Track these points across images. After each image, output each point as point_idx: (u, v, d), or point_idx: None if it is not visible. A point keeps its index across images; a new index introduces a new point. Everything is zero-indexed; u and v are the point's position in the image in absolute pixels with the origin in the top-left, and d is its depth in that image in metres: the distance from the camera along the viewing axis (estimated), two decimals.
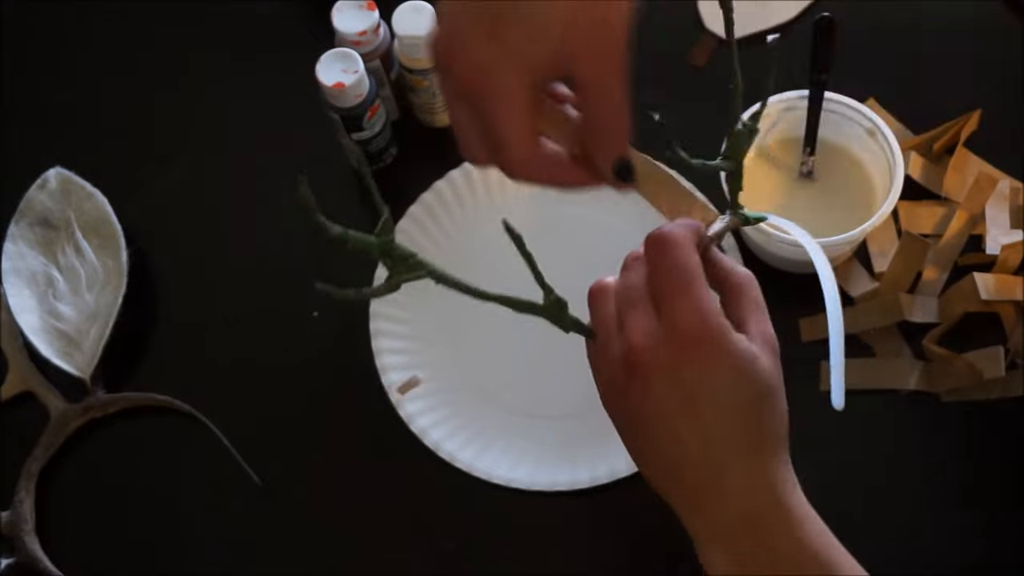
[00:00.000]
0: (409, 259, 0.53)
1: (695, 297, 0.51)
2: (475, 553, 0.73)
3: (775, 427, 0.53)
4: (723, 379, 0.51)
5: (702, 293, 0.51)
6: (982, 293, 0.71)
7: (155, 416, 0.78)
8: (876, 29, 0.84)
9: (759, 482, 0.52)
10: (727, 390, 0.51)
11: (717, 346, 0.51)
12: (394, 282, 0.53)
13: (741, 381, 0.51)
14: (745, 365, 0.51)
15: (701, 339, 0.51)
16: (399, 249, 0.53)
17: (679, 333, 0.51)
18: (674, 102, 0.84)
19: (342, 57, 0.75)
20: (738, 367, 0.51)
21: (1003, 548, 0.70)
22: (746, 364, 0.51)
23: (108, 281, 0.80)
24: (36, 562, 0.73)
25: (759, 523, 0.51)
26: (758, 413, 0.52)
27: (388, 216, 0.52)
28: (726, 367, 0.51)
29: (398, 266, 0.54)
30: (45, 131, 0.88)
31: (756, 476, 0.52)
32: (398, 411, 0.75)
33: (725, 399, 0.51)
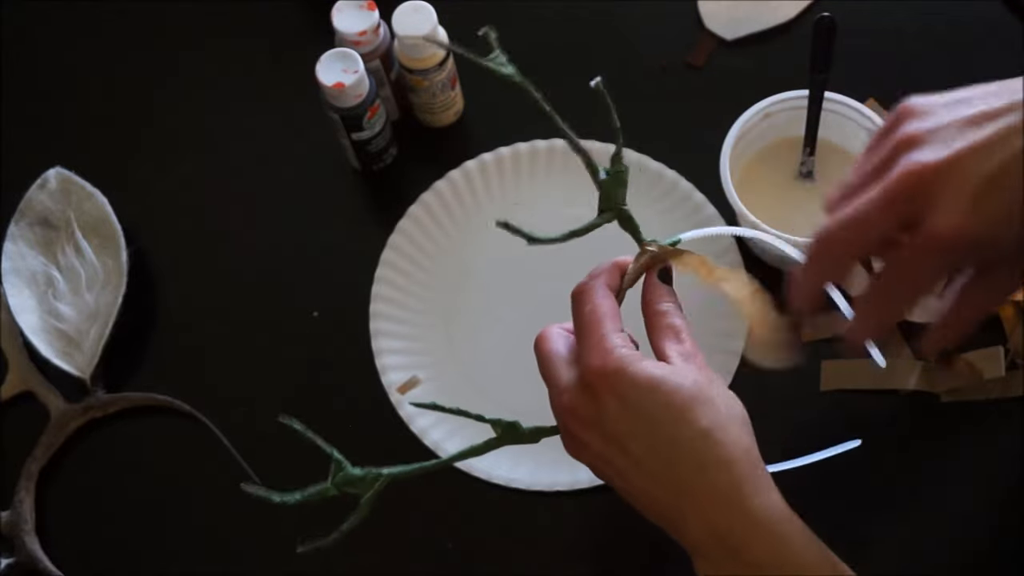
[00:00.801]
0: (367, 476, 0.58)
1: (596, 337, 0.54)
2: (475, 553, 0.73)
3: (716, 433, 0.52)
4: (636, 406, 0.52)
5: (603, 332, 0.54)
6: None
7: (155, 416, 0.78)
8: (876, 29, 0.84)
9: (718, 496, 0.51)
10: (645, 415, 0.52)
11: (620, 375, 0.52)
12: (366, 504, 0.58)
13: (656, 400, 0.52)
14: (654, 384, 0.52)
15: (604, 372, 0.53)
16: (353, 474, 0.58)
17: (586, 374, 0.54)
18: (673, 102, 0.84)
19: (342, 57, 0.75)
20: (647, 389, 0.52)
21: (1003, 548, 0.70)
22: (655, 382, 0.52)
23: (108, 281, 0.80)
24: (36, 562, 0.73)
25: (728, 535, 0.51)
26: (688, 427, 0.52)
27: (339, 456, 0.57)
28: (635, 394, 0.52)
29: (361, 487, 0.58)
30: (45, 131, 0.88)
31: (711, 491, 0.51)
32: (398, 411, 0.75)
33: (646, 425, 0.52)
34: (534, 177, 0.82)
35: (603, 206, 0.56)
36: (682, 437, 0.52)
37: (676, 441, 0.52)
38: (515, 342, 0.77)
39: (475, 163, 0.82)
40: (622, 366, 0.52)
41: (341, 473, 0.57)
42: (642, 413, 0.52)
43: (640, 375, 0.52)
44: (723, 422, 0.52)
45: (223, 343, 0.80)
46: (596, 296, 0.56)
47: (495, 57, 0.54)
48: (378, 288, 0.79)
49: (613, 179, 0.56)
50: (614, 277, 0.57)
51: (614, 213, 0.56)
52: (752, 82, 0.78)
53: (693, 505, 0.52)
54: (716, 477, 0.51)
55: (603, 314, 0.55)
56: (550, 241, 0.56)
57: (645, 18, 0.87)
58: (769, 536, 0.51)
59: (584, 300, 0.56)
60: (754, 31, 0.85)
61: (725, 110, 0.75)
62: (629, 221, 0.57)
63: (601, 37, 0.86)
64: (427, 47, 0.77)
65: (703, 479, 0.51)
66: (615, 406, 0.52)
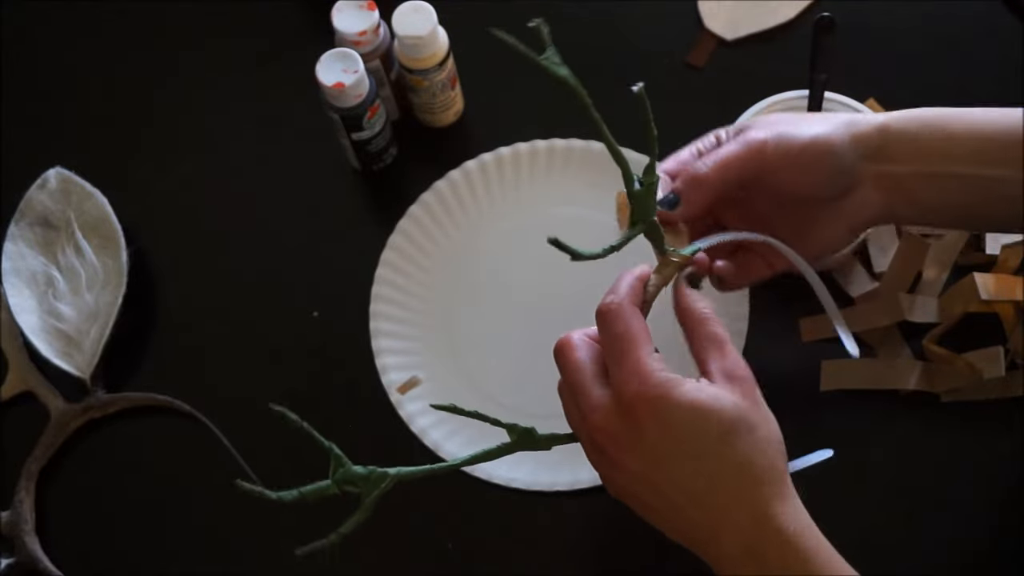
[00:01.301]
0: (371, 476, 0.56)
1: (632, 360, 0.53)
2: (475, 553, 0.73)
3: (755, 457, 0.53)
4: (679, 430, 0.52)
5: (639, 355, 0.54)
6: (982, 293, 0.71)
7: (155, 416, 0.78)
8: (876, 29, 0.84)
9: (751, 518, 0.52)
10: (688, 439, 0.52)
11: (663, 401, 0.52)
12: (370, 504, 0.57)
13: (698, 426, 0.52)
14: (697, 410, 0.52)
15: (646, 398, 0.53)
16: (356, 472, 0.56)
17: (624, 399, 0.53)
18: (673, 102, 0.84)
19: (342, 57, 0.75)
20: (690, 414, 0.52)
21: (1003, 548, 0.70)
22: (698, 409, 0.52)
23: (108, 281, 0.80)
24: (36, 562, 0.74)
25: (760, 557, 0.52)
26: (730, 450, 0.52)
27: (339, 452, 0.56)
28: (678, 419, 0.52)
29: (365, 487, 0.57)
30: (45, 131, 0.88)
31: (746, 513, 0.52)
32: (398, 411, 0.75)
33: (689, 448, 0.53)
34: (534, 177, 0.82)
35: (635, 217, 0.56)
36: (725, 463, 0.52)
37: (719, 467, 0.52)
38: (515, 342, 0.77)
39: (475, 163, 0.82)
40: (664, 392, 0.53)
41: (341, 470, 0.56)
42: (685, 438, 0.53)
43: (683, 401, 0.52)
44: (763, 447, 0.53)
45: (223, 343, 0.80)
46: (626, 316, 0.55)
47: (549, 56, 0.52)
48: (378, 288, 0.79)
49: (646, 190, 0.55)
50: (639, 293, 0.57)
51: (647, 224, 0.56)
52: (752, 82, 0.78)
53: (729, 525, 0.53)
54: (753, 498, 0.52)
55: (636, 335, 0.54)
56: (592, 257, 0.55)
57: (645, 18, 0.87)
58: (797, 551, 0.52)
59: (614, 321, 0.55)
60: (754, 31, 0.85)
61: (725, 110, 0.75)
62: (657, 232, 0.57)
63: (601, 37, 0.86)
64: (427, 47, 0.77)
65: (740, 502, 0.52)
66: (656, 431, 0.53)
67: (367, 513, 0.57)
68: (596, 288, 0.58)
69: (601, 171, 0.80)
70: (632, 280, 0.58)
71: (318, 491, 0.56)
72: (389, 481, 0.57)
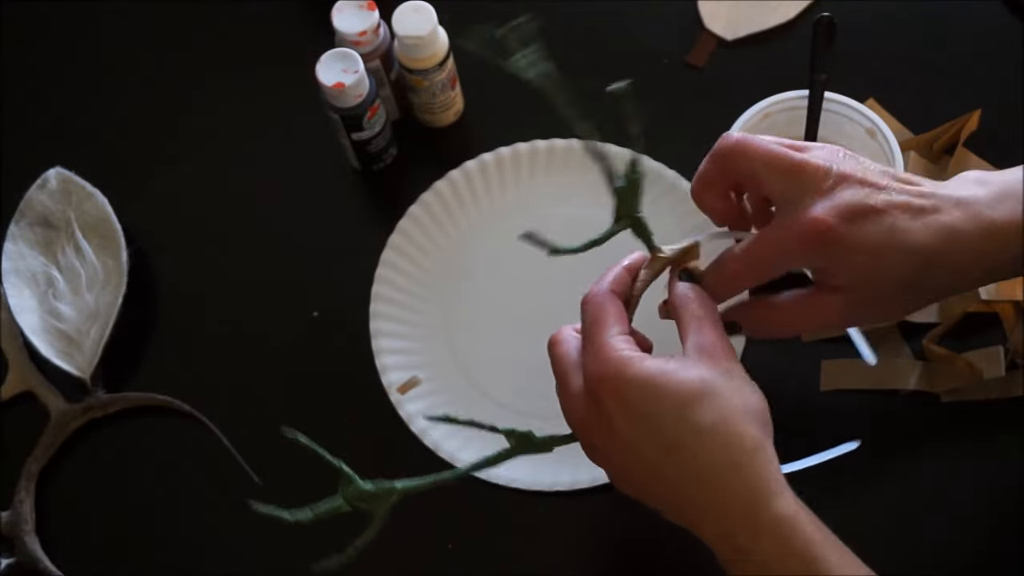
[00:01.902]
0: (379, 490, 0.57)
1: (596, 344, 0.53)
2: (475, 553, 0.73)
3: (720, 427, 0.51)
4: (636, 407, 0.52)
5: (602, 337, 0.53)
6: (982, 293, 0.71)
7: (155, 416, 0.78)
8: (876, 29, 0.84)
9: (726, 501, 0.51)
10: (645, 415, 0.52)
11: (619, 377, 0.52)
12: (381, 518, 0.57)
13: (658, 400, 0.51)
14: (649, 384, 0.51)
15: (604, 376, 0.52)
16: (365, 490, 0.57)
17: (589, 383, 0.53)
18: (673, 102, 0.84)
19: (342, 57, 0.75)
20: (643, 389, 0.51)
21: (1003, 548, 0.70)
22: (650, 382, 0.51)
23: (108, 281, 0.80)
24: (36, 562, 0.73)
25: (735, 538, 0.51)
26: (689, 423, 0.51)
27: (349, 471, 0.57)
28: (634, 395, 0.52)
29: (374, 503, 0.57)
30: (45, 131, 0.88)
31: (720, 496, 0.51)
32: (398, 411, 0.75)
33: (648, 424, 0.52)
34: (534, 177, 0.82)
35: (619, 213, 0.56)
36: (684, 439, 0.51)
37: (680, 444, 0.51)
38: (515, 341, 0.77)
39: (475, 163, 0.82)
40: (620, 368, 0.52)
41: (352, 487, 0.57)
42: (646, 416, 0.51)
43: (638, 375, 0.51)
44: (727, 417, 0.51)
45: (223, 343, 0.80)
46: (598, 302, 0.55)
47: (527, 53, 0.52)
48: (378, 288, 0.79)
49: (629, 187, 0.55)
50: (623, 281, 0.57)
51: (630, 221, 0.56)
52: (752, 82, 0.78)
53: (703, 510, 0.52)
54: (723, 482, 0.51)
55: (604, 318, 0.54)
56: (571, 251, 0.55)
57: (645, 18, 0.87)
58: (777, 540, 0.50)
59: (587, 309, 0.56)
60: (754, 31, 0.85)
61: (725, 110, 0.75)
62: (643, 228, 0.57)
63: (601, 37, 0.86)
64: (427, 47, 0.77)
65: (710, 485, 0.51)
66: (620, 412, 0.52)
67: (379, 526, 0.57)
68: None
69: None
70: (618, 269, 0.57)
71: (332, 510, 0.57)
72: (396, 495, 0.57)
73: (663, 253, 0.57)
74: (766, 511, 0.51)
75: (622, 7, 0.87)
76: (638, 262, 0.58)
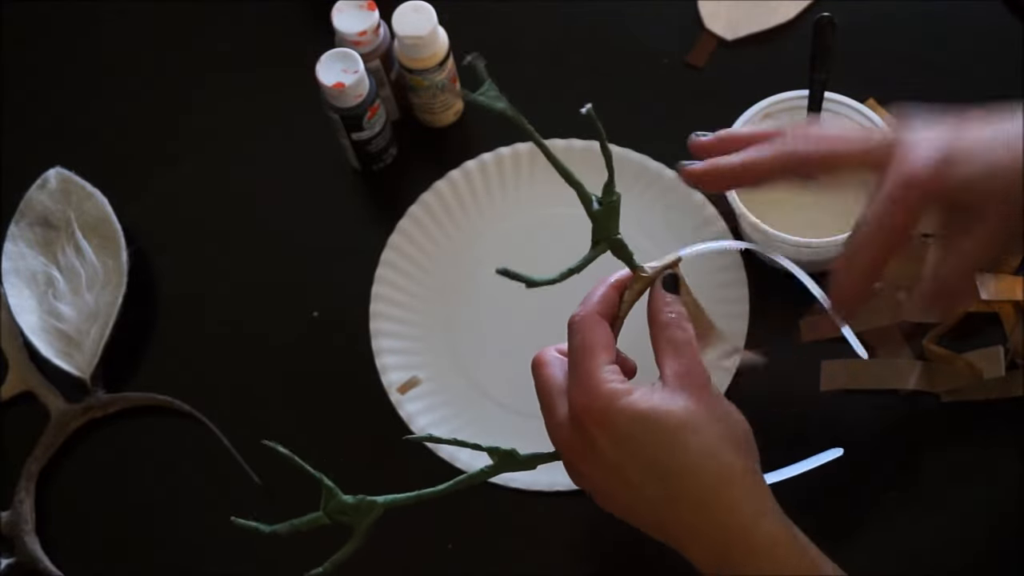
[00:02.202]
0: (360, 504, 0.57)
1: (583, 373, 0.54)
2: (475, 553, 0.73)
3: (705, 461, 0.52)
4: (627, 442, 0.52)
5: (590, 367, 0.54)
6: (982, 293, 0.71)
7: (155, 416, 0.78)
8: (876, 29, 0.84)
9: (715, 524, 0.52)
10: (637, 449, 0.52)
11: (608, 413, 0.53)
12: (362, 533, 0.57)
13: (646, 432, 0.52)
14: (640, 419, 0.52)
15: (591, 409, 0.53)
16: (347, 503, 0.57)
17: (576, 412, 0.54)
18: (673, 102, 0.84)
19: (342, 57, 0.75)
20: (634, 424, 0.52)
21: (1003, 548, 0.70)
22: (640, 418, 0.52)
23: (108, 281, 0.80)
24: (36, 562, 0.73)
25: (727, 561, 0.52)
26: (679, 456, 0.52)
27: (330, 484, 0.56)
28: (624, 430, 0.52)
29: (355, 517, 0.57)
30: (45, 131, 0.88)
31: (708, 520, 0.52)
32: (398, 411, 0.75)
33: (639, 457, 0.52)
34: (534, 177, 0.82)
35: (597, 237, 0.56)
36: (674, 467, 0.52)
37: (669, 472, 0.52)
38: (515, 342, 0.77)
39: (475, 163, 0.82)
40: (609, 403, 0.53)
41: (333, 501, 0.56)
42: (635, 447, 0.53)
43: (627, 410, 0.52)
44: (714, 448, 0.52)
45: (223, 343, 0.80)
46: (585, 327, 0.56)
47: (486, 91, 0.52)
48: (378, 288, 0.79)
49: (606, 210, 0.55)
50: (609, 303, 0.57)
51: (608, 244, 0.56)
52: (752, 82, 0.78)
53: (692, 534, 0.53)
54: (713, 504, 0.52)
55: (592, 346, 0.55)
56: (548, 282, 0.56)
57: (645, 18, 0.87)
58: (766, 561, 0.51)
59: (574, 333, 0.56)
60: (754, 31, 0.85)
61: (725, 110, 0.75)
62: (623, 249, 0.57)
63: (601, 37, 0.86)
64: (427, 47, 0.77)
65: (700, 509, 0.52)
66: (607, 442, 0.53)
67: (359, 543, 0.57)
68: None
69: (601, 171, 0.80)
70: (604, 290, 0.57)
71: (310, 522, 0.57)
72: (377, 510, 0.57)
73: (646, 272, 0.57)
74: (758, 532, 0.52)
75: (622, 7, 0.87)
76: (625, 279, 0.58)
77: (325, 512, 0.57)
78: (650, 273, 0.57)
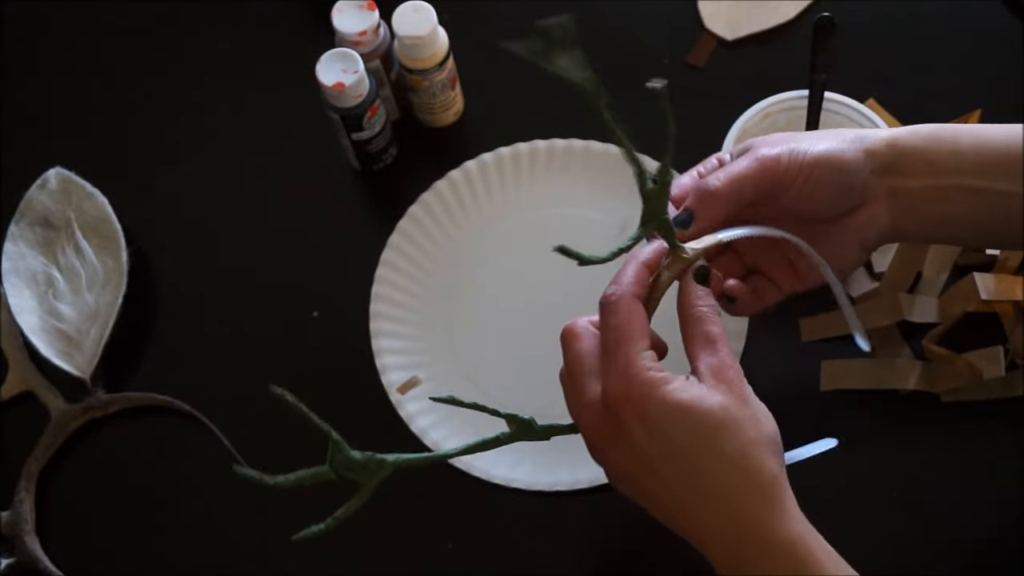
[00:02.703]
0: (369, 461, 0.54)
1: (621, 359, 0.53)
2: (475, 553, 0.73)
3: (740, 460, 0.52)
4: (663, 432, 0.52)
5: (628, 353, 0.53)
6: (982, 293, 0.71)
7: (155, 416, 0.78)
8: (876, 29, 0.84)
9: (737, 526, 0.52)
10: (672, 441, 0.52)
11: (646, 402, 0.52)
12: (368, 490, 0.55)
13: (682, 428, 0.52)
14: (680, 411, 0.52)
15: (629, 398, 0.52)
16: (354, 459, 0.54)
17: (610, 400, 0.53)
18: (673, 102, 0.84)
19: (342, 57, 0.75)
20: (673, 416, 0.52)
21: (1003, 548, 0.70)
22: (682, 410, 0.52)
23: (108, 281, 0.80)
24: (36, 562, 0.73)
25: (747, 562, 0.52)
26: (715, 453, 0.52)
27: (338, 437, 0.54)
28: (662, 421, 0.52)
29: (362, 474, 0.55)
30: (45, 131, 0.88)
31: (731, 520, 0.52)
32: (398, 411, 0.75)
33: (673, 449, 0.52)
34: (534, 177, 0.82)
35: (647, 217, 0.54)
36: (708, 465, 0.52)
37: (701, 470, 0.52)
38: (516, 342, 0.77)
39: (475, 163, 0.82)
40: (646, 392, 0.52)
41: (340, 456, 0.54)
42: (669, 439, 0.52)
43: (665, 402, 0.52)
44: (748, 449, 0.52)
45: (223, 343, 0.80)
46: (623, 310, 0.54)
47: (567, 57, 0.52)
48: (378, 288, 0.79)
49: (659, 190, 0.53)
50: (642, 282, 0.56)
51: (657, 224, 0.54)
52: (752, 82, 0.78)
53: (713, 533, 0.53)
54: (740, 505, 0.52)
55: (630, 331, 0.54)
56: (600, 261, 0.53)
57: (645, 18, 0.87)
58: (787, 564, 0.51)
59: (611, 313, 0.54)
60: (754, 31, 0.85)
61: (725, 110, 0.75)
62: (670, 231, 0.55)
63: (601, 37, 0.86)
64: (427, 47, 0.77)
65: (725, 510, 0.52)
66: (641, 432, 0.52)
67: (364, 499, 0.55)
68: (597, 287, 0.58)
69: (601, 171, 0.81)
70: (637, 268, 0.56)
71: (315, 476, 0.54)
72: (386, 468, 0.55)
73: (687, 254, 0.56)
74: (781, 535, 0.52)
75: (622, 7, 0.87)
76: (655, 259, 0.57)
77: (331, 467, 0.54)
78: (691, 255, 0.56)
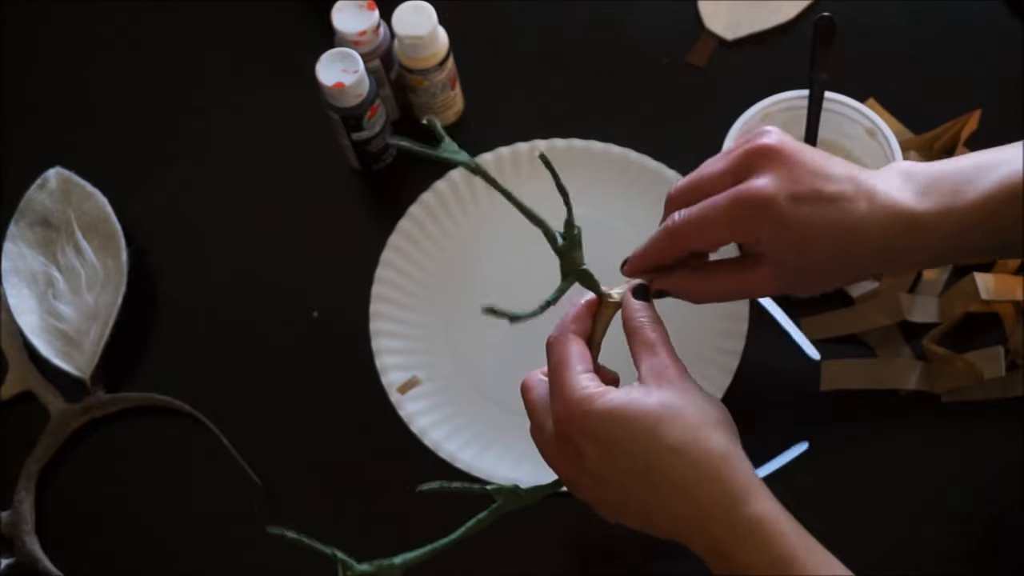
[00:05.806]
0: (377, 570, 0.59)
1: (560, 385, 0.55)
2: (474, 553, 0.73)
3: (684, 446, 0.53)
4: (607, 440, 0.53)
5: (565, 378, 0.55)
6: (982, 293, 0.71)
7: (155, 416, 0.78)
8: (876, 29, 0.84)
9: (703, 512, 0.52)
10: (619, 446, 0.53)
11: (587, 416, 0.54)
12: None
13: (625, 430, 0.53)
14: (616, 415, 0.53)
15: (571, 418, 0.54)
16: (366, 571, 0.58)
17: (559, 424, 0.55)
18: (673, 102, 0.84)
19: (342, 57, 0.75)
20: (611, 421, 0.53)
21: (1003, 548, 0.70)
22: (616, 413, 0.53)
23: (108, 281, 0.80)
24: (36, 562, 0.74)
25: (720, 545, 0.52)
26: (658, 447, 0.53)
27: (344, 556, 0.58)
28: (603, 429, 0.53)
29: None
30: (45, 131, 0.88)
31: (696, 509, 0.53)
32: (398, 411, 0.75)
33: (623, 456, 0.53)
34: (534, 177, 0.82)
35: (565, 269, 0.58)
36: (656, 460, 0.53)
37: (652, 465, 0.53)
38: (515, 342, 0.77)
39: None
40: (585, 408, 0.54)
41: (350, 572, 0.58)
42: (616, 445, 0.53)
43: (604, 411, 0.53)
44: (692, 434, 0.53)
45: (223, 343, 0.80)
46: (559, 344, 0.58)
47: (447, 147, 0.56)
48: (378, 288, 0.79)
49: (569, 244, 0.58)
50: (584, 323, 0.59)
51: (576, 275, 0.58)
52: (752, 82, 0.78)
53: (685, 525, 0.53)
54: (698, 494, 0.52)
55: (567, 358, 0.56)
56: (530, 316, 0.57)
57: (645, 18, 0.87)
58: (757, 543, 0.51)
59: (551, 352, 0.58)
60: (754, 31, 0.85)
61: (725, 110, 0.75)
62: (590, 279, 0.59)
63: (601, 37, 0.87)
64: (427, 47, 0.77)
65: (683, 495, 0.53)
66: (592, 448, 0.54)
67: None
68: None
69: (601, 171, 0.80)
70: (575, 311, 0.59)
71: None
72: (397, 570, 0.59)
73: (613, 298, 0.60)
74: (745, 513, 0.52)
75: (622, 7, 0.87)
76: (595, 300, 0.60)
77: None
78: (616, 298, 0.59)
